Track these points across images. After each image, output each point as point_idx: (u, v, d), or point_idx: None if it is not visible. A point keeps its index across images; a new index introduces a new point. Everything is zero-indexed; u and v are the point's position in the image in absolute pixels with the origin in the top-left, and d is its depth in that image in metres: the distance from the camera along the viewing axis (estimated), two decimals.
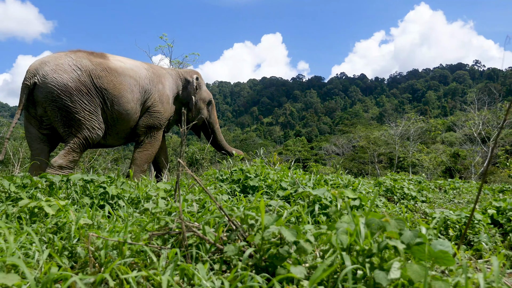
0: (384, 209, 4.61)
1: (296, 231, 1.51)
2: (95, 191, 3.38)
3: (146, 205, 2.32)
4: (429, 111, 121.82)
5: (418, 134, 30.92)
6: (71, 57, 5.89)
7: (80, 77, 5.77)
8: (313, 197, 3.06)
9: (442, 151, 26.91)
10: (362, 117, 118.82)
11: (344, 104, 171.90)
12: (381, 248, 1.39)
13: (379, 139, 32.26)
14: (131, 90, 6.35)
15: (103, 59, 6.23)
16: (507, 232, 3.54)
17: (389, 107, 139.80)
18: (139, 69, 6.71)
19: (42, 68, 5.66)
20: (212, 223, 2.01)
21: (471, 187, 7.88)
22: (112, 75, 6.10)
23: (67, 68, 5.73)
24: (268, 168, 5.51)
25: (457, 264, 2.64)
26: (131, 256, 1.63)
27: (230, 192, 4.54)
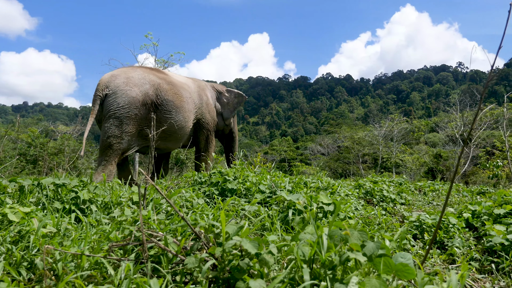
0: (363, 212, 4.61)
1: (257, 243, 1.47)
2: (66, 195, 3.30)
3: (112, 213, 2.26)
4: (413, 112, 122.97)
5: (402, 134, 31.16)
6: (138, 72, 6.54)
7: (148, 91, 6.38)
8: (288, 202, 3.03)
9: (425, 152, 27.18)
10: (347, 117, 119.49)
11: (330, 104, 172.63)
12: (342, 261, 1.37)
13: (364, 140, 32.43)
14: (187, 101, 7.07)
15: (165, 74, 7.04)
16: (481, 236, 3.55)
17: (374, 108, 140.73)
18: (189, 83, 7.55)
19: (114, 80, 6.19)
20: (180, 231, 1.98)
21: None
22: (175, 88, 6.84)
23: (137, 82, 6.32)
24: (248, 170, 5.48)
25: (427, 270, 2.64)
26: (90, 268, 1.58)
27: (209, 195, 4.50)
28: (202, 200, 3.70)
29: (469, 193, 7.22)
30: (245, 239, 1.49)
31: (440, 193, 7.45)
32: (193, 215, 2.29)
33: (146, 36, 21.12)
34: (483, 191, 7.49)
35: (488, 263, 2.92)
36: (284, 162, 47.58)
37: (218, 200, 4.14)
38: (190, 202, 3.60)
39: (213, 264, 1.62)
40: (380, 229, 3.50)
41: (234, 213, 3.36)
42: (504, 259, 2.85)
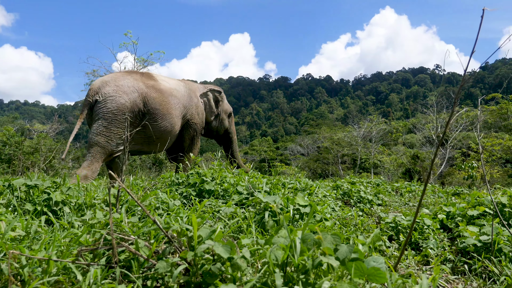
0: (340, 213, 4.63)
1: (230, 247, 1.46)
2: (38, 197, 3.22)
3: (84, 216, 2.21)
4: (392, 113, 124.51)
5: (380, 135, 31.52)
6: (128, 79, 6.79)
7: (136, 99, 6.66)
8: (264, 204, 3.02)
9: (403, 153, 27.54)
10: (327, 118, 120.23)
11: (310, 105, 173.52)
12: (315, 265, 1.36)
13: (343, 140, 32.69)
14: (175, 107, 7.34)
15: (154, 81, 7.24)
16: (455, 237, 3.60)
17: (354, 109, 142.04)
18: (180, 88, 7.77)
19: (104, 87, 6.48)
20: (153, 234, 1.94)
21: (426, 190, 8.04)
22: (163, 96, 7.10)
23: (126, 90, 6.60)
24: (226, 171, 5.46)
25: (403, 272, 2.66)
26: (58, 274, 1.54)
27: (186, 196, 4.46)
28: (178, 201, 3.66)
29: (445, 194, 7.33)
30: (217, 243, 1.47)
31: (417, 194, 7.54)
32: (167, 217, 2.25)
33: (126, 34, 20.92)
34: (458, 192, 7.62)
35: (461, 264, 2.96)
36: (264, 162, 47.64)
37: (195, 201, 4.11)
38: (166, 204, 3.56)
39: (185, 269, 1.60)
40: (356, 231, 3.52)
41: (211, 214, 3.34)
42: (476, 260, 2.89)
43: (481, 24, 1.74)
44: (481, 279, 2.72)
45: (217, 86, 9.09)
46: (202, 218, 2.32)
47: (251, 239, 1.92)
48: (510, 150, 19.74)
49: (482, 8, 1.74)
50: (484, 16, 1.71)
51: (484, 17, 1.64)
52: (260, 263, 1.71)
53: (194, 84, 8.58)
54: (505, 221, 3.77)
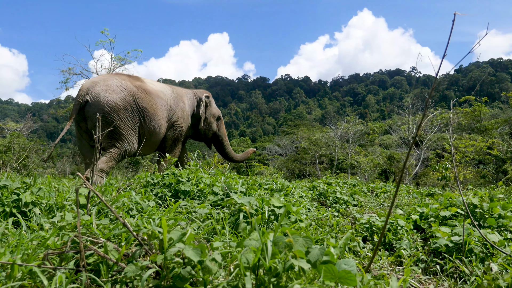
0: (316, 213, 4.65)
1: (200, 250, 1.43)
2: (7, 198, 3.13)
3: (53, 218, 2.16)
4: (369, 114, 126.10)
5: (357, 136, 31.83)
6: (116, 79, 6.93)
7: (126, 97, 6.78)
8: (239, 205, 3.00)
9: (379, 153, 27.87)
10: (305, 118, 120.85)
11: (288, 105, 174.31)
12: (286, 268, 1.35)
13: (320, 141, 32.90)
14: (162, 109, 7.49)
15: (141, 82, 7.36)
16: (428, 237, 3.65)
17: (331, 110, 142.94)
18: (166, 91, 7.96)
19: (94, 88, 6.59)
20: (125, 237, 1.90)
21: (401, 190, 8.15)
22: (149, 96, 7.21)
23: (115, 89, 6.73)
24: (203, 171, 5.41)
25: (376, 272, 2.68)
26: (23, 278, 1.49)
27: (161, 196, 4.41)
28: (153, 202, 3.61)
29: (419, 194, 7.43)
30: (187, 246, 1.44)
31: (391, 194, 7.63)
32: (140, 219, 2.21)
33: (103, 32, 20.70)
34: (432, 192, 7.73)
35: (433, 264, 3.00)
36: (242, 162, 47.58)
37: (170, 202, 4.06)
38: (140, 205, 3.51)
39: (156, 272, 1.57)
40: (331, 231, 3.53)
41: (185, 215, 3.30)
42: (448, 260, 2.93)
43: (452, 28, 1.76)
44: (452, 279, 2.76)
45: (205, 91, 9.22)
46: (175, 220, 2.29)
47: (223, 241, 1.91)
48: (483, 151, 20.18)
49: (454, 13, 1.76)
50: (458, 20, 1.73)
51: (459, 21, 1.66)
52: (233, 266, 1.70)
53: (181, 88, 8.81)
54: (476, 222, 3.85)
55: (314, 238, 3.08)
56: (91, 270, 1.63)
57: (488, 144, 20.14)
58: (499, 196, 4.81)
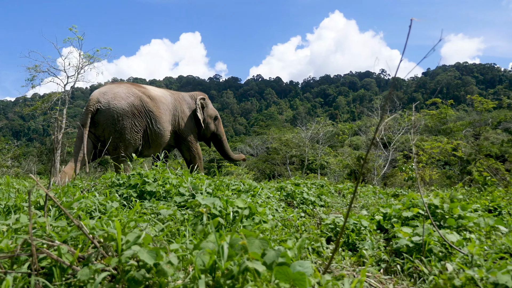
0: (282, 214, 4.67)
1: (155, 253, 1.42)
2: None
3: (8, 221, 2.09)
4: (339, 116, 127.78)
5: (327, 137, 32.18)
6: (122, 87, 7.47)
7: (134, 102, 7.35)
8: (203, 206, 2.98)
9: (348, 154, 28.25)
10: (276, 119, 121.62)
11: (260, 106, 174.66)
12: (241, 270, 1.35)
13: (291, 141, 33.10)
14: (165, 113, 8.05)
15: (144, 88, 7.94)
16: (391, 237, 3.72)
17: (303, 110, 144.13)
18: (167, 96, 8.50)
19: (103, 97, 7.15)
20: (83, 239, 1.87)
21: (368, 191, 8.28)
22: (154, 101, 7.78)
23: (123, 96, 7.28)
24: (170, 172, 5.36)
25: (338, 272, 2.71)
26: None
27: (127, 197, 4.34)
28: (117, 203, 3.55)
29: (385, 195, 7.56)
30: (142, 248, 1.43)
31: (358, 195, 7.74)
32: (98, 221, 2.17)
33: (71, 29, 20.27)
34: (397, 193, 7.88)
35: (395, 264, 3.05)
36: (213, 162, 47.41)
37: (135, 203, 4.01)
38: (104, 206, 3.46)
39: (112, 275, 1.55)
40: (295, 232, 3.56)
41: (149, 216, 3.26)
42: (408, 260, 2.99)
43: (409, 33, 1.80)
44: (412, 278, 2.81)
45: (201, 93, 9.64)
46: (136, 222, 2.26)
47: (183, 243, 1.89)
48: (448, 152, 20.70)
49: (411, 19, 1.80)
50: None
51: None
52: (191, 268, 1.69)
53: (180, 93, 9.31)
54: (437, 222, 3.94)
55: (279, 239, 3.09)
56: (45, 273, 1.59)
57: (453, 145, 20.68)
58: (459, 197, 4.94)
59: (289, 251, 1.54)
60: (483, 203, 5.18)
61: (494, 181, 7.08)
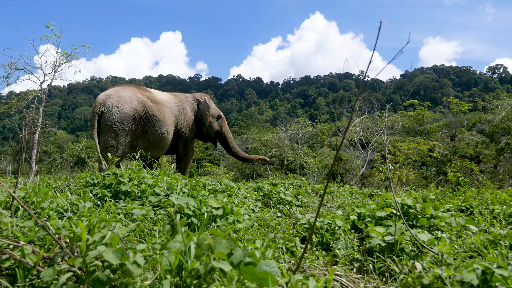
0: (259, 214, 4.67)
1: (121, 253, 1.40)
2: None
3: None
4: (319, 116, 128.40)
5: (307, 137, 32.31)
6: (128, 91, 7.79)
7: (137, 107, 7.66)
8: (177, 207, 2.97)
9: (327, 155, 28.41)
10: (256, 119, 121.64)
11: (240, 106, 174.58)
12: (207, 270, 1.34)
13: (271, 142, 33.14)
14: (169, 116, 8.39)
15: (149, 93, 8.28)
16: (364, 237, 3.76)
17: (283, 111, 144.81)
18: (171, 100, 8.85)
19: (108, 99, 7.49)
20: (50, 240, 1.84)
21: (345, 191, 8.35)
22: (158, 105, 8.11)
23: (127, 100, 7.60)
24: (146, 172, 5.32)
25: (310, 271, 2.73)
26: None
27: (101, 197, 4.28)
28: (90, 203, 3.50)
29: (361, 195, 7.63)
30: (108, 249, 1.41)
31: (335, 195, 7.80)
32: (67, 221, 2.14)
33: (48, 26, 19.95)
34: (373, 193, 7.97)
35: (367, 263, 3.09)
36: (193, 162, 47.17)
37: (110, 203, 3.96)
38: (76, 206, 3.41)
39: (78, 276, 1.52)
40: (269, 232, 3.56)
41: (122, 216, 3.22)
42: (381, 259, 3.02)
43: (378, 35, 1.82)
44: (384, 277, 2.85)
45: (204, 94, 10.16)
46: (106, 221, 2.24)
47: (153, 243, 1.88)
48: (424, 153, 21.00)
49: (380, 21, 1.82)
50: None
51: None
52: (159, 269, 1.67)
53: (183, 95, 9.74)
54: (410, 222, 4.00)
55: (253, 239, 3.09)
56: (8, 275, 1.56)
57: (429, 146, 21.00)
58: (431, 197, 5.03)
59: (257, 251, 1.54)
60: (455, 203, 5.27)
61: (467, 182, 7.22)
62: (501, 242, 3.16)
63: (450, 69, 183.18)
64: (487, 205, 5.15)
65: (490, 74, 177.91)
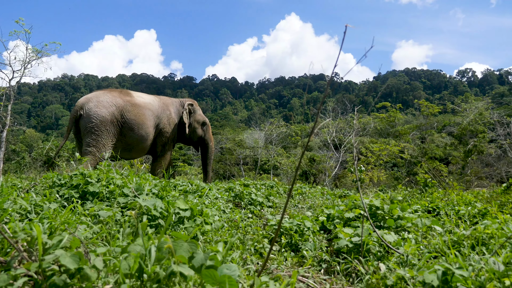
0: (230, 215, 4.66)
1: (79, 257, 1.37)
2: None
3: None
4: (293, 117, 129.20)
5: (281, 138, 32.44)
6: (108, 96, 7.99)
7: (115, 112, 7.84)
8: (143, 208, 2.93)
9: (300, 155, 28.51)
10: (231, 119, 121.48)
11: (215, 106, 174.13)
12: (167, 274, 1.33)
13: (245, 142, 33.15)
14: (150, 118, 8.60)
15: (130, 97, 8.43)
16: (332, 238, 3.79)
17: (257, 111, 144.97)
18: (154, 102, 9.06)
19: (87, 103, 7.71)
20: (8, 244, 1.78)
21: (316, 192, 8.41)
22: (138, 108, 8.31)
23: (105, 104, 7.80)
24: (115, 172, 5.24)
25: (277, 273, 2.73)
26: None
27: (68, 198, 4.19)
28: (55, 204, 3.43)
29: (332, 196, 7.70)
30: (65, 252, 1.37)
31: (307, 196, 7.85)
32: (28, 223, 2.08)
33: (17, 22, 19.42)
34: (345, 194, 8.06)
35: (335, 264, 3.11)
36: None
37: (77, 204, 3.88)
38: (41, 207, 3.33)
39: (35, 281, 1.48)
40: (239, 233, 3.56)
41: (88, 218, 3.16)
42: (348, 260, 3.06)
43: (344, 38, 1.83)
44: (351, 278, 2.88)
45: (191, 99, 10.35)
46: (69, 223, 2.19)
47: (117, 246, 1.85)
48: (395, 155, 21.36)
49: (345, 25, 1.83)
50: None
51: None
52: None
53: (169, 98, 9.95)
54: (378, 223, 4.05)
55: (221, 240, 3.08)
56: None
57: (400, 148, 21.38)
58: (398, 198, 5.12)
59: (218, 254, 1.53)
60: (423, 204, 5.38)
61: (434, 183, 7.37)
62: (464, 242, 3.24)
63: (421, 72, 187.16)
64: (453, 206, 5.27)
65: (459, 78, 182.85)
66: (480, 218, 4.68)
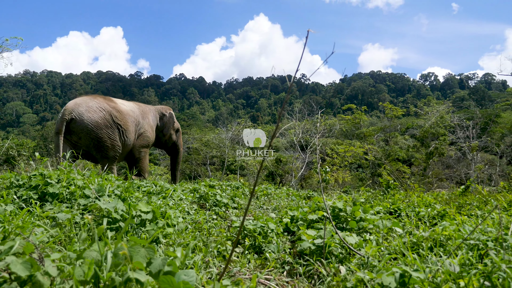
0: (194, 216, 4.63)
1: (31, 264, 1.33)
2: None
3: None
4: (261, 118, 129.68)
5: None
6: (95, 101, 8.21)
7: (105, 116, 8.13)
8: (104, 211, 2.86)
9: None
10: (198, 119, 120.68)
11: (182, 105, 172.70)
12: (124, 280, 1.30)
13: (212, 142, 33.02)
14: (132, 124, 8.94)
15: (114, 103, 8.68)
16: (296, 240, 3.81)
17: (225, 111, 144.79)
18: (134, 109, 9.37)
19: (77, 108, 7.85)
20: None
21: (281, 193, 8.46)
22: (122, 114, 8.60)
23: (95, 109, 8.04)
24: (76, 172, 5.11)
25: (241, 276, 2.72)
26: None
27: (26, 199, 4.06)
28: (11, 206, 3.32)
29: (297, 197, 7.76)
30: (16, 259, 1.33)
31: (272, 197, 7.88)
32: None
33: None
34: (310, 195, 8.12)
35: (298, 266, 3.13)
36: None
37: (36, 206, 3.76)
38: None
39: None
40: (202, 235, 3.54)
41: (46, 220, 3.07)
42: (310, 262, 3.08)
43: (306, 43, 1.84)
44: (313, 280, 2.90)
45: (168, 107, 11.12)
46: (24, 227, 2.12)
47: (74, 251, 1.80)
48: (360, 156, 21.76)
49: (307, 30, 1.84)
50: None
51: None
52: None
53: (147, 106, 10.38)
54: (341, 224, 4.10)
55: (184, 243, 3.05)
56: None
57: (365, 149, 21.79)
58: (361, 200, 5.20)
59: (177, 260, 1.51)
60: (385, 205, 5.48)
61: (396, 185, 7.53)
62: (423, 244, 3.31)
63: (386, 75, 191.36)
64: (414, 207, 5.40)
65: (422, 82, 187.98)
66: (439, 220, 4.80)
